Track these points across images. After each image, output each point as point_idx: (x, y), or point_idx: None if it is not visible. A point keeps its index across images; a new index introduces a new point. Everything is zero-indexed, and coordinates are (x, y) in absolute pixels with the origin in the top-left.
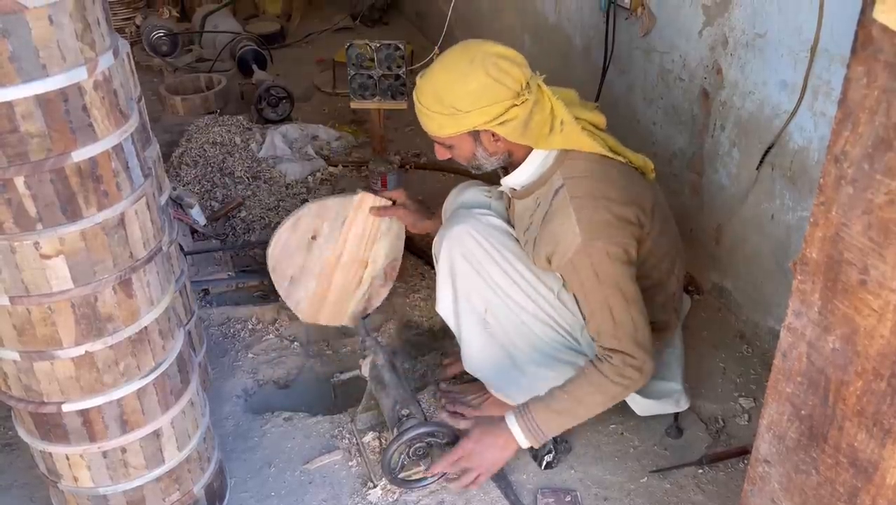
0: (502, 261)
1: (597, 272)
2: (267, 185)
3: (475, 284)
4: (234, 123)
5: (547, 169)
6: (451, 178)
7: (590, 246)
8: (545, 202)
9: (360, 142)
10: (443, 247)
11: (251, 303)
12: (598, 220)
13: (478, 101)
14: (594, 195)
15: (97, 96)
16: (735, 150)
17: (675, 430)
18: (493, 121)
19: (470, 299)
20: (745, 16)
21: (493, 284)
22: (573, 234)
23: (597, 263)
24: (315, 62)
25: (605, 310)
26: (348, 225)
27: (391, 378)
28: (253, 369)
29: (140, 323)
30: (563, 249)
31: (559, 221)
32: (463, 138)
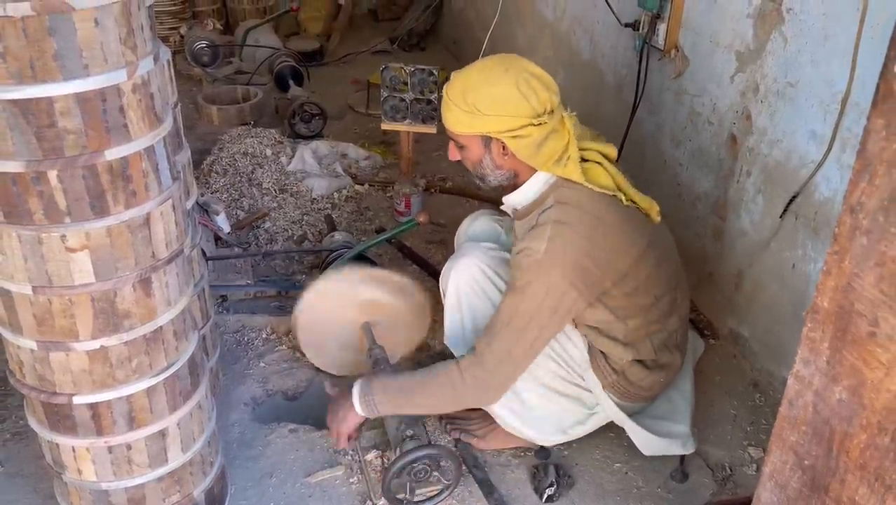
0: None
1: (529, 284)
2: (293, 199)
3: (482, 316)
4: (267, 136)
5: (545, 191)
6: (474, 205)
7: (542, 268)
8: (534, 219)
9: (388, 163)
10: (450, 279)
11: (267, 312)
12: (564, 255)
13: (498, 108)
14: (575, 227)
15: (134, 99)
16: (760, 196)
17: (680, 473)
18: (507, 132)
19: (477, 330)
20: (777, 64)
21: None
22: (538, 248)
23: (535, 282)
24: (350, 83)
25: (505, 315)
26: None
27: None
28: (263, 378)
29: (156, 322)
30: (525, 252)
31: (535, 233)
32: (474, 141)
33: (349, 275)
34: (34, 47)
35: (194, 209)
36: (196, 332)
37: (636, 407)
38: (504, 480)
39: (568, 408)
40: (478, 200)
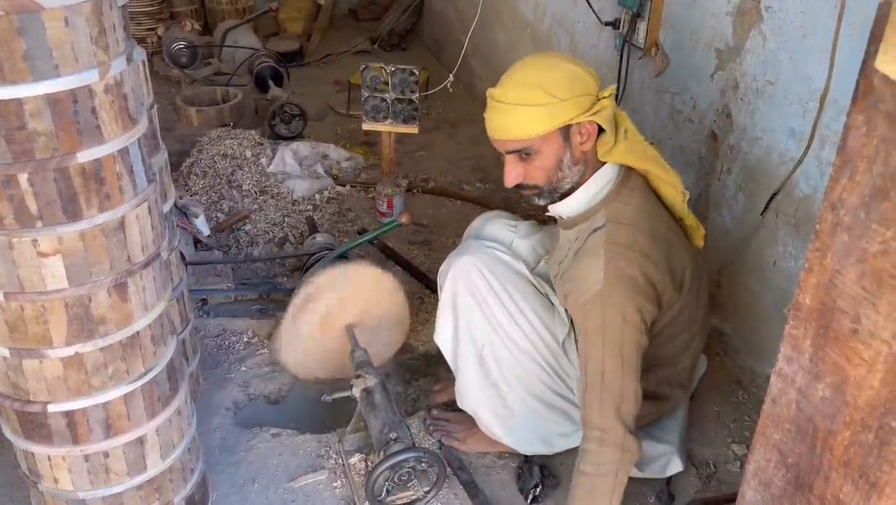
0: (508, 300)
1: (605, 326)
2: (274, 201)
3: (477, 319)
4: (246, 137)
5: (596, 204)
6: (458, 205)
7: (608, 297)
8: (582, 238)
9: (370, 164)
10: (448, 276)
11: (248, 316)
12: (626, 275)
13: (573, 88)
14: (631, 247)
15: (106, 99)
16: (741, 194)
17: (666, 494)
18: (588, 111)
19: (470, 334)
20: (756, 62)
21: (495, 322)
22: (596, 279)
23: (608, 318)
24: (331, 83)
25: (598, 368)
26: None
27: (382, 401)
28: (245, 383)
29: (132, 327)
30: (581, 290)
31: (587, 262)
32: (552, 138)
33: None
34: (3, 48)
35: (172, 212)
36: (175, 336)
37: None
38: (489, 481)
39: (554, 420)
40: (461, 200)
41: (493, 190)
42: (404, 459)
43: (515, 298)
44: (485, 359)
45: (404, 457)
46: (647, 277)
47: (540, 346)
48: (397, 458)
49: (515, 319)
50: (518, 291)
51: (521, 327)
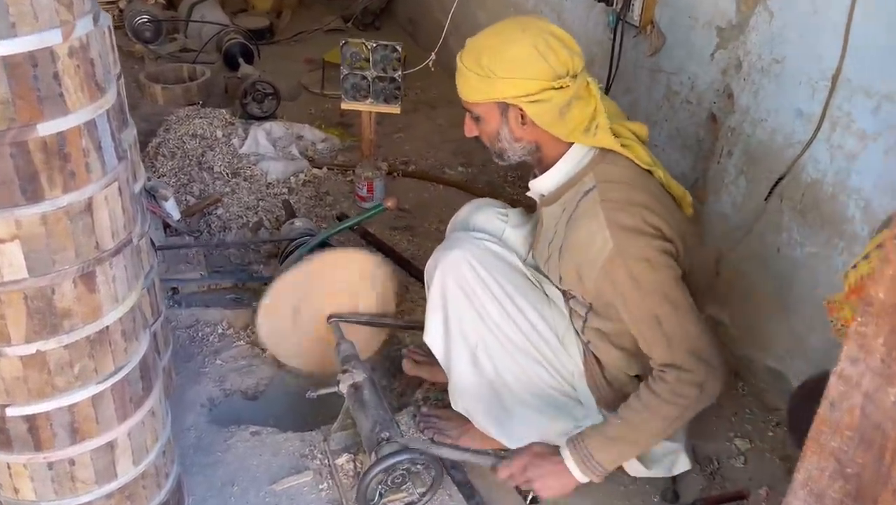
0: (501, 294)
1: (636, 280)
2: (247, 183)
3: (469, 316)
4: (217, 117)
5: (580, 170)
6: (440, 189)
7: (624, 251)
8: (570, 206)
9: (347, 145)
10: (436, 272)
11: (223, 306)
12: (631, 225)
13: (514, 70)
14: (629, 202)
15: (71, 64)
16: (742, 178)
17: (671, 493)
18: (524, 96)
19: (462, 331)
20: (762, 40)
21: (489, 319)
22: (603, 238)
23: (635, 271)
24: (304, 62)
25: (653, 323)
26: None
27: (371, 398)
28: (220, 377)
29: (101, 321)
30: (592, 257)
31: (586, 226)
32: (491, 110)
33: (313, 264)
34: None
35: (142, 194)
36: (147, 330)
37: None
38: (485, 481)
39: (553, 417)
40: (443, 185)
41: (475, 174)
42: (399, 460)
43: (509, 292)
44: (478, 358)
45: (399, 459)
46: (653, 226)
47: (537, 341)
48: (391, 460)
49: (510, 315)
50: (512, 284)
51: (516, 323)
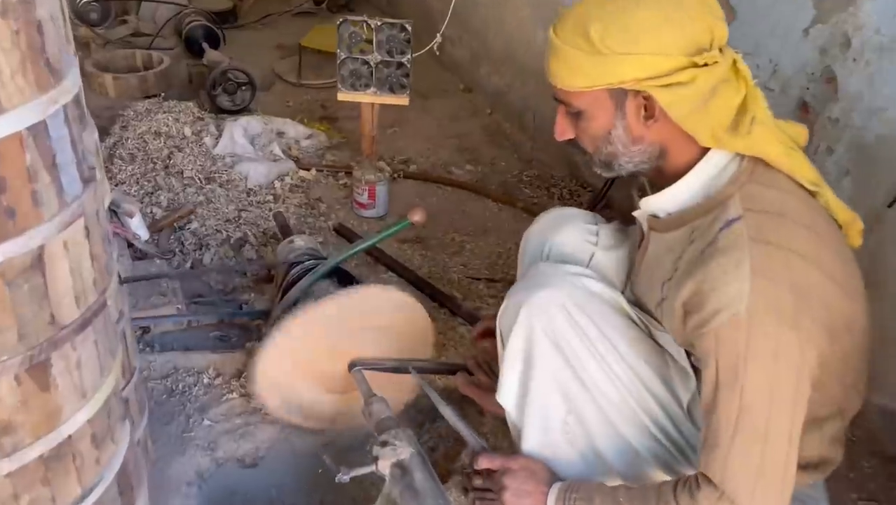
0: (608, 352)
1: (742, 363)
2: (224, 191)
3: (560, 377)
4: (184, 111)
5: (718, 190)
6: (448, 192)
7: (757, 322)
8: (705, 236)
9: (335, 142)
10: (520, 316)
11: (207, 348)
12: (780, 300)
13: (639, 42)
14: (790, 248)
15: (6, 30)
16: (847, 179)
17: None
18: (653, 79)
19: (547, 395)
20: (881, 9)
21: (589, 382)
22: (738, 292)
23: (754, 355)
24: (275, 48)
25: (728, 430)
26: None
27: (426, 484)
28: (210, 443)
29: (60, 431)
30: (711, 308)
31: (722, 264)
32: (600, 100)
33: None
34: None
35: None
36: (126, 420)
37: None
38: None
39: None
40: (451, 187)
41: (486, 173)
42: None
43: (621, 349)
44: (568, 424)
45: None
46: (820, 298)
47: (657, 413)
48: None
49: (620, 378)
50: (620, 334)
51: (626, 388)
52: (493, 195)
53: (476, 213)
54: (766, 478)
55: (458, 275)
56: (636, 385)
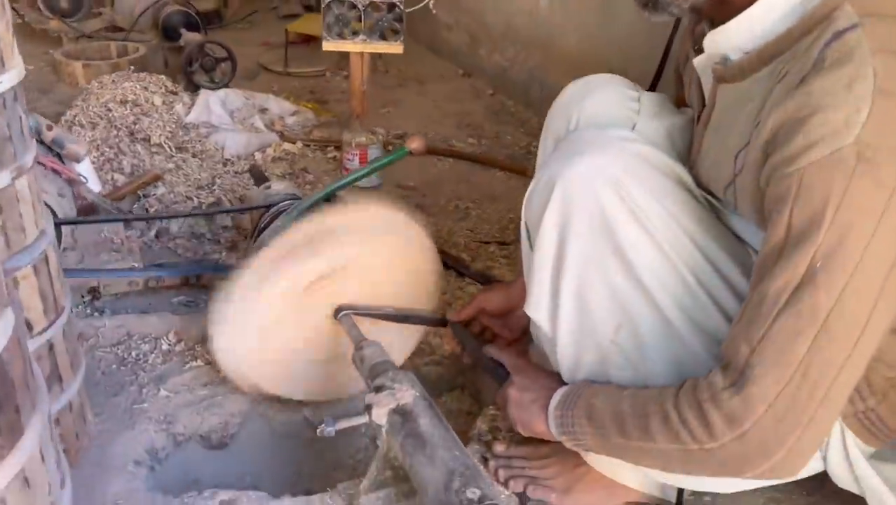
0: (672, 235)
1: (833, 223)
2: (197, 160)
3: (609, 274)
4: (154, 82)
5: (816, 5)
6: (449, 163)
7: (869, 161)
8: (801, 64)
9: (323, 120)
10: (554, 196)
11: (168, 311)
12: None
13: None
14: None
15: None
16: None
17: None
18: None
19: (591, 299)
20: None
21: (648, 278)
22: (847, 119)
23: (851, 207)
24: (261, 45)
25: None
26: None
27: (434, 428)
28: (167, 416)
29: None
30: (803, 140)
31: (825, 87)
32: None
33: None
34: None
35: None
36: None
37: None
38: None
39: None
40: (453, 158)
41: (489, 147)
42: None
43: (690, 232)
44: (619, 345)
45: None
46: None
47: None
48: None
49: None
50: (691, 217)
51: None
52: (501, 164)
53: (482, 183)
54: (807, 381)
55: (466, 239)
56: (715, 280)
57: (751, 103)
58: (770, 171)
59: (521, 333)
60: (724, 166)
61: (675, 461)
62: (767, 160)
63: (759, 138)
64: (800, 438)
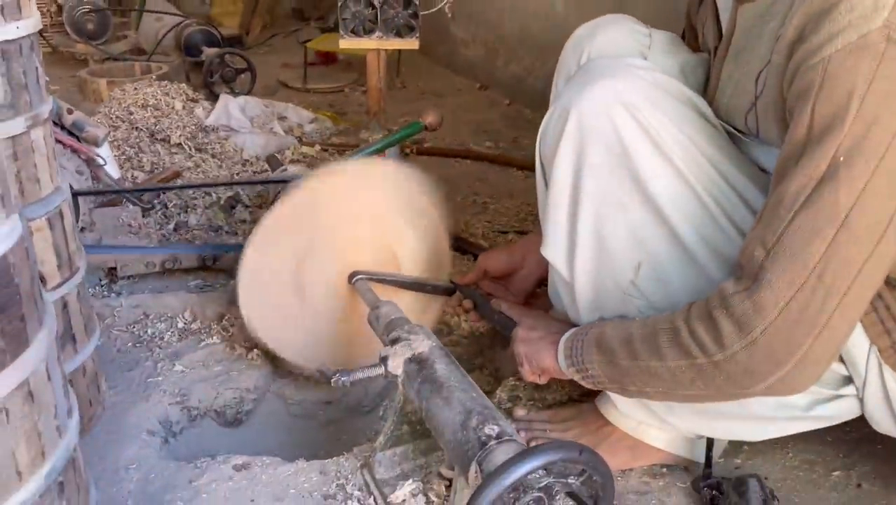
0: (694, 160)
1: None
2: (216, 161)
3: (629, 208)
4: (175, 89)
5: None
6: (466, 164)
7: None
8: None
9: (342, 129)
10: (568, 126)
11: (185, 290)
12: None
13: None
14: None
15: None
16: None
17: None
18: None
19: (609, 236)
20: None
21: (670, 208)
22: (875, 1)
23: (878, 95)
24: (281, 66)
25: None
26: None
27: (450, 373)
28: (181, 391)
29: None
30: (828, 29)
31: None
32: None
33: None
34: None
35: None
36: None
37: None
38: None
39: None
40: (470, 159)
41: (508, 150)
42: (533, 468)
43: (709, 156)
44: (638, 288)
45: (536, 464)
46: None
47: None
48: (519, 469)
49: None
50: (710, 143)
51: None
52: (519, 163)
53: (500, 181)
54: (823, 284)
55: (484, 229)
56: (738, 205)
57: (772, 21)
58: (794, 67)
59: (525, 296)
60: (744, 92)
61: (682, 381)
62: (790, 61)
63: (782, 43)
64: (812, 346)
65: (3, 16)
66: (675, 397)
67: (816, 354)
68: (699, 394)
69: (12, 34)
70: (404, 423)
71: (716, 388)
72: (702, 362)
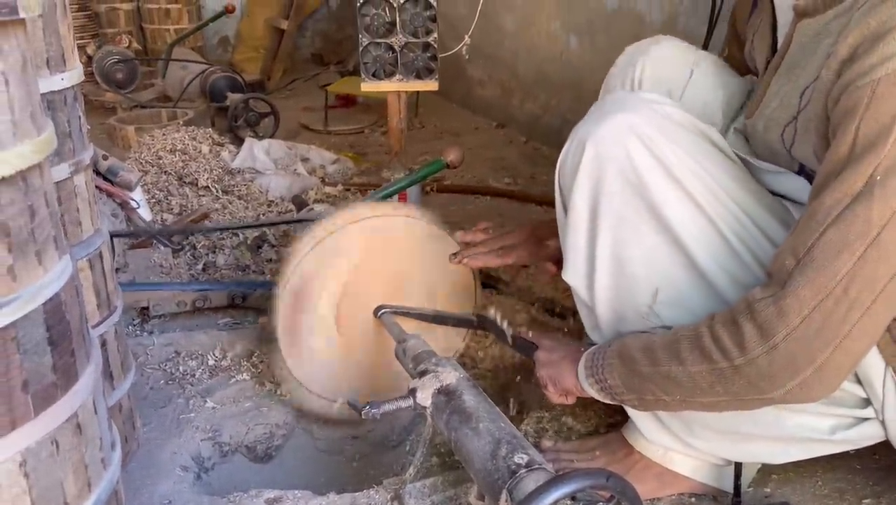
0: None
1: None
2: (242, 202)
3: (645, 235)
4: (202, 134)
5: None
6: (486, 200)
7: None
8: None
9: (363, 168)
10: (585, 157)
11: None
12: None
13: None
14: None
15: None
16: None
17: None
18: None
19: (627, 261)
20: None
21: (686, 236)
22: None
23: None
24: (301, 110)
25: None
26: None
27: (478, 404)
28: (213, 427)
29: None
30: (881, 53)
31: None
32: None
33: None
34: None
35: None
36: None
37: None
38: None
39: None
40: (490, 196)
41: (526, 188)
42: (570, 491)
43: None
44: (656, 313)
45: (565, 491)
46: None
47: None
48: (554, 493)
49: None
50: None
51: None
52: (537, 198)
53: (520, 217)
54: (848, 296)
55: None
56: (754, 234)
57: (828, 38)
58: (843, 86)
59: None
60: (788, 106)
61: (701, 386)
62: (840, 78)
63: (834, 60)
64: (832, 355)
65: (48, 68)
66: (693, 405)
67: (836, 364)
68: (717, 400)
69: (58, 85)
70: (433, 454)
71: (734, 393)
72: (722, 367)
